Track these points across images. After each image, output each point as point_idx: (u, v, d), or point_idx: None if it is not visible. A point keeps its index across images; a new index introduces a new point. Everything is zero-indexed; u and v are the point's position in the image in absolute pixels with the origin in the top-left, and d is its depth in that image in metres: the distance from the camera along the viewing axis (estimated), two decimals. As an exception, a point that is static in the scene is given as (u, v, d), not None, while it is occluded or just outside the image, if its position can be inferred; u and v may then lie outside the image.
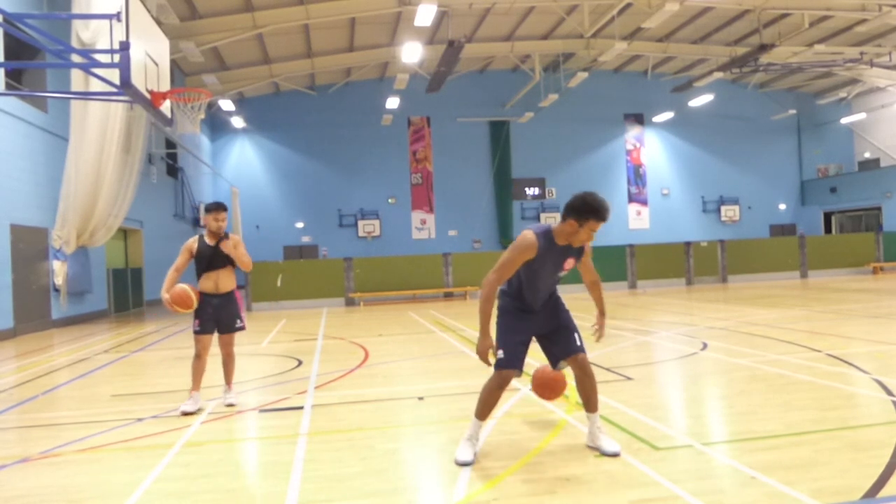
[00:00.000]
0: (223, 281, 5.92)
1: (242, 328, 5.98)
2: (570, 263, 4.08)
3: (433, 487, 3.77)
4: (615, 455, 3.99)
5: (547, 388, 4.42)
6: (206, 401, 6.10)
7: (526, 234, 3.95)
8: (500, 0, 21.48)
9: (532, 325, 4.16)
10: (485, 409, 4.11)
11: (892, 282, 17.75)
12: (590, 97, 32.15)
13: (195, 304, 5.77)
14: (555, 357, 4.22)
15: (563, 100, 29.57)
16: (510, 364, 4.03)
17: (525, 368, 4.31)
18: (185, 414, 5.57)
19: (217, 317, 5.84)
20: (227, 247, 5.83)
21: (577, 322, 4.24)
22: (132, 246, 20.96)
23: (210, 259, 5.85)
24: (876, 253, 21.71)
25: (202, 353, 5.81)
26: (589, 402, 4.17)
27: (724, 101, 33.09)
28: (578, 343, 4.13)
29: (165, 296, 5.71)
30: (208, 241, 5.89)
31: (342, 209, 31.77)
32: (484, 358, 3.99)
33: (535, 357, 4.47)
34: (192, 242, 5.93)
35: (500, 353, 4.04)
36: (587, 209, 3.84)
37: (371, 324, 12.83)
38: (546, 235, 3.94)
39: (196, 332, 5.81)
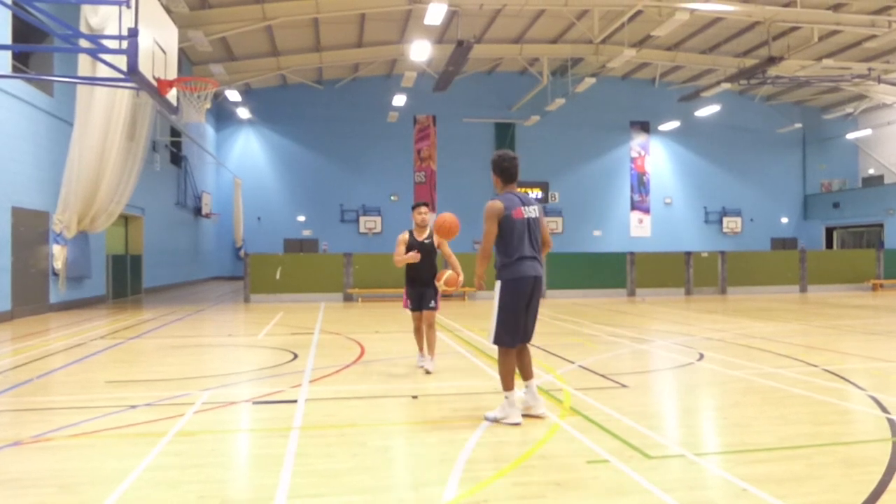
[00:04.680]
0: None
1: (435, 308, 7.05)
2: None
3: (424, 486, 3.76)
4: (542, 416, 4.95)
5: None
6: (200, 391, 6.11)
7: None
8: (510, 2, 21.48)
9: None
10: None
11: (891, 299, 17.74)
12: (596, 103, 32.15)
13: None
14: None
15: (569, 104, 29.56)
16: None
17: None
18: (424, 370, 6.99)
19: (420, 297, 7.08)
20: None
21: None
22: (133, 233, 20.96)
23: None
24: (876, 270, 21.69)
25: (417, 326, 7.17)
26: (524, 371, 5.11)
27: (731, 113, 33.09)
28: (490, 336, 4.97)
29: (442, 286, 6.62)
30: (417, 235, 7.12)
31: (344, 204, 31.79)
32: None
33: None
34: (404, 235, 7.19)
35: None
36: None
37: (368, 320, 12.83)
38: None
39: (407, 308, 7.20)
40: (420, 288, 7.03)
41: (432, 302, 7.03)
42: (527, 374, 5.07)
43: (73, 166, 14.02)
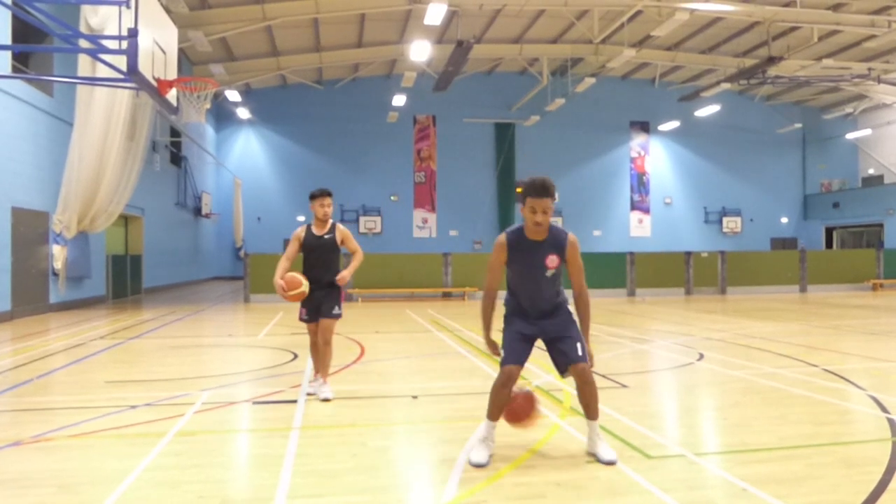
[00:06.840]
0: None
1: (338, 316, 5.91)
2: (553, 261, 4.05)
3: (424, 486, 3.76)
4: (611, 463, 3.96)
5: (514, 417, 4.16)
6: (200, 391, 6.10)
7: (499, 236, 4.12)
8: (510, 2, 21.48)
9: (533, 325, 4.17)
10: (493, 408, 4.09)
11: (891, 299, 17.74)
12: (596, 103, 32.15)
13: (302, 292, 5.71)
14: (558, 365, 4.21)
15: (569, 104, 29.55)
16: (508, 360, 4.07)
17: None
18: (310, 395, 5.89)
19: (318, 304, 5.85)
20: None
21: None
22: (132, 233, 20.96)
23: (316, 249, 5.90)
24: (876, 270, 21.69)
25: (313, 340, 6.02)
26: (588, 409, 4.18)
27: (731, 113, 33.08)
28: (580, 353, 4.11)
29: (279, 282, 5.62)
30: (316, 230, 5.91)
31: (344, 204, 31.76)
32: (492, 352, 4.26)
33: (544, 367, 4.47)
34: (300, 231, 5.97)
35: (502, 352, 4.15)
36: (524, 189, 3.98)
37: (368, 320, 12.82)
38: (516, 231, 4.08)
39: (303, 321, 5.98)
40: (317, 295, 5.79)
41: (336, 308, 5.86)
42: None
43: (73, 166, 14.02)
